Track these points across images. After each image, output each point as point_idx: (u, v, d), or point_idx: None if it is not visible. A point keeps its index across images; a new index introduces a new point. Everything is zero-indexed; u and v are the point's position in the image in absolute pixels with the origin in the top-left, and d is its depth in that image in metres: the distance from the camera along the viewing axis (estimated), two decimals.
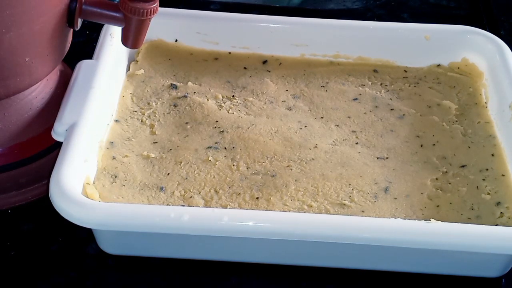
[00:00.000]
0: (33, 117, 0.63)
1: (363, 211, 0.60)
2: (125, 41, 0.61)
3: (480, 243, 0.55)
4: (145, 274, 0.59)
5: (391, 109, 0.70)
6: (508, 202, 0.62)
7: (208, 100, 0.70)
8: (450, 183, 0.63)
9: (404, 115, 0.70)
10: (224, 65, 0.74)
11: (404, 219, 0.59)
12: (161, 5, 0.60)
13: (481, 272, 0.60)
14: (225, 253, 0.59)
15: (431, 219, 0.57)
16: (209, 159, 0.64)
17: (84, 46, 0.77)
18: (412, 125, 0.69)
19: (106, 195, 0.60)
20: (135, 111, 0.68)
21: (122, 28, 0.60)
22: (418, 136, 0.68)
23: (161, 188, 0.61)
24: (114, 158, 0.63)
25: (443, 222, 0.56)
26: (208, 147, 0.65)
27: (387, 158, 0.65)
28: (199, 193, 0.61)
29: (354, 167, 0.64)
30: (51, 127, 0.61)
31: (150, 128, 0.67)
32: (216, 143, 0.65)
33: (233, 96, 0.71)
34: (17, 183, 0.63)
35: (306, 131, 0.67)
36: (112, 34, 0.69)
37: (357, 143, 0.66)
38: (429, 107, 0.71)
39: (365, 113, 0.70)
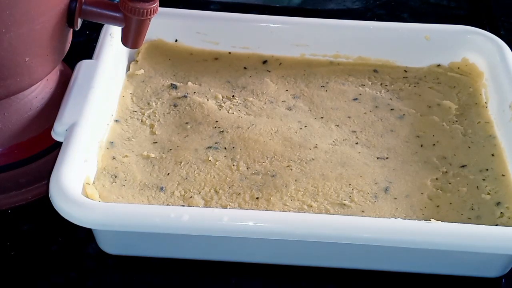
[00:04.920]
0: (33, 117, 0.63)
1: (363, 211, 0.60)
2: (125, 41, 0.61)
3: (480, 243, 0.55)
4: (145, 274, 0.59)
5: (391, 109, 0.70)
6: (508, 202, 0.62)
7: (208, 100, 0.70)
8: (450, 183, 0.63)
9: (404, 115, 0.70)
10: (224, 65, 0.74)
11: (404, 219, 0.59)
12: (161, 5, 0.60)
13: (481, 272, 0.60)
14: (225, 253, 0.59)
15: (431, 219, 0.57)
16: (209, 159, 0.64)
17: (84, 46, 0.77)
18: (412, 125, 0.69)
19: (106, 195, 0.60)
20: (135, 111, 0.68)
21: (122, 28, 0.60)
22: (418, 136, 0.68)
23: (161, 188, 0.61)
24: (114, 158, 0.63)
25: (443, 222, 0.56)
26: (208, 147, 0.65)
27: (387, 158, 0.65)
28: (199, 193, 0.61)
29: (354, 167, 0.64)
30: (51, 127, 0.61)
31: (150, 128, 0.67)
32: (216, 143, 0.65)
33: (233, 96, 0.71)
34: (17, 183, 0.63)
35: (306, 131, 0.67)
36: (112, 34, 0.69)
37: (357, 143, 0.66)
38: (429, 107, 0.71)
39: (365, 113, 0.70)
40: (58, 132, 0.60)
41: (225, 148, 0.65)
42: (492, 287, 0.60)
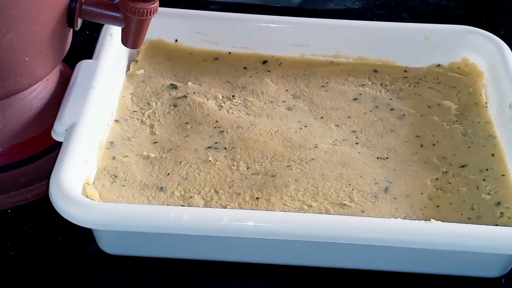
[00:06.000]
0: (33, 117, 0.63)
1: (363, 211, 0.60)
2: (125, 41, 0.61)
3: (480, 243, 0.55)
4: (145, 274, 0.59)
5: (391, 109, 0.70)
6: (508, 202, 0.62)
7: (208, 100, 0.70)
8: (450, 183, 0.63)
9: (404, 115, 0.70)
10: (224, 65, 0.74)
11: (404, 219, 0.59)
12: (161, 5, 0.60)
13: (481, 272, 0.60)
14: (225, 253, 0.59)
15: (431, 219, 0.57)
16: (209, 159, 0.64)
17: (84, 46, 0.77)
18: (412, 125, 0.69)
19: (106, 195, 0.60)
20: (135, 111, 0.68)
21: (122, 28, 0.60)
22: (418, 136, 0.68)
23: (161, 188, 0.61)
24: (114, 158, 0.63)
25: (443, 222, 0.56)
26: (208, 147, 0.65)
27: (387, 158, 0.65)
28: (199, 193, 0.61)
29: (354, 167, 0.64)
30: (51, 127, 0.61)
31: (150, 128, 0.67)
32: (216, 143, 0.65)
33: (233, 96, 0.71)
34: (17, 183, 0.63)
35: (306, 131, 0.67)
36: (112, 34, 0.69)
37: (357, 143, 0.66)
38: (429, 107, 0.71)
39: (365, 113, 0.70)
40: (58, 132, 0.60)
41: (225, 148, 0.65)
42: (492, 287, 0.60)
